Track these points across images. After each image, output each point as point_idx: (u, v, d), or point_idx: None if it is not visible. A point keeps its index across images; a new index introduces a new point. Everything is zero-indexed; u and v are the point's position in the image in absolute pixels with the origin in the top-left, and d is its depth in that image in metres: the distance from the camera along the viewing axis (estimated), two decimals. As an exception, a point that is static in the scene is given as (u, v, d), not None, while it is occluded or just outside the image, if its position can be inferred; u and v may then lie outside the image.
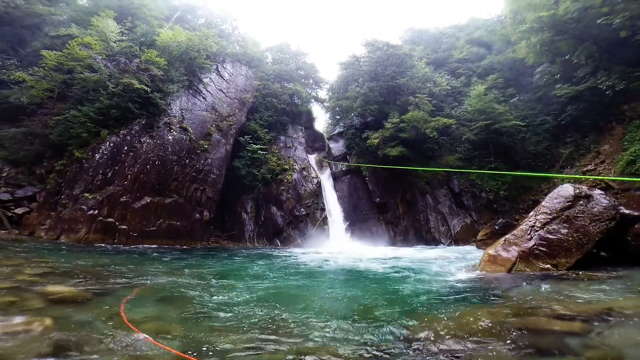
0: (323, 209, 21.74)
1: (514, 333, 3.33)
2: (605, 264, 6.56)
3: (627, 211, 7.31)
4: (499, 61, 26.06)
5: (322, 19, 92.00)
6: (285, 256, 13.00)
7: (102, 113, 15.34)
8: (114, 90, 15.60)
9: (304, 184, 22.44)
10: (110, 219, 13.90)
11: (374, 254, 13.71)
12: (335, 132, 29.21)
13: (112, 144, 15.13)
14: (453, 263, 9.94)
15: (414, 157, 21.67)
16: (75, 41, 16.27)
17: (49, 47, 17.19)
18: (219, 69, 23.45)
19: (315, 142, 27.99)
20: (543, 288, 5.44)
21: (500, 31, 26.17)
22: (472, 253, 12.84)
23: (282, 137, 25.61)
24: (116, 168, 14.88)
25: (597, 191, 8.03)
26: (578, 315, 3.72)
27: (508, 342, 3.12)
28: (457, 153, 22.18)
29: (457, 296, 5.32)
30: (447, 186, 21.14)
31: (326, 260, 11.11)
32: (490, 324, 3.61)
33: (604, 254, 6.99)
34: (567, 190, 8.09)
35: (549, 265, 6.86)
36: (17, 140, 15.12)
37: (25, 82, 16.02)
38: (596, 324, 3.45)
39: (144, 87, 16.05)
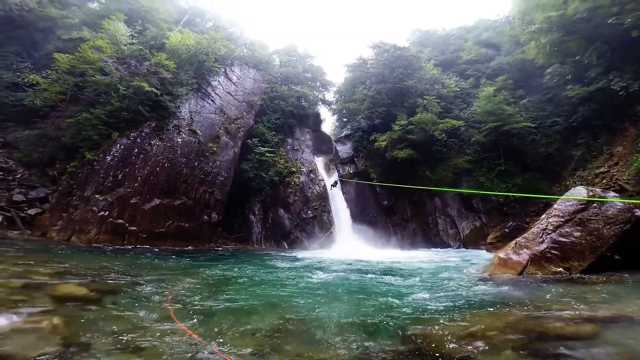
0: (330, 212, 21.69)
1: (522, 337, 3.28)
2: (619, 267, 6.40)
3: (642, 214, 7.12)
4: (508, 62, 25.73)
5: (329, 21, 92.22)
6: (292, 259, 12.99)
7: (113, 115, 15.52)
8: (124, 92, 15.78)
9: (311, 186, 22.43)
10: (120, 220, 14.07)
11: (382, 257, 13.62)
12: (343, 134, 29.07)
13: (122, 146, 15.34)
14: (462, 266, 9.82)
15: (423, 159, 21.48)
16: (87, 44, 16.53)
17: (61, 50, 17.44)
18: (227, 72, 23.57)
19: (322, 144, 27.95)
20: (554, 292, 5.34)
21: (508, 32, 25.82)
22: (482, 256, 12.68)
23: (290, 140, 25.65)
24: (126, 170, 15.07)
25: (612, 193, 7.89)
26: (588, 320, 3.65)
27: (516, 346, 3.07)
28: (466, 155, 21.91)
29: (466, 300, 5.24)
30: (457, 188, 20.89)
31: (334, 264, 11.06)
32: (499, 328, 3.55)
33: (618, 258, 6.80)
34: (579, 192, 7.95)
35: (561, 269, 6.73)
36: (30, 142, 15.43)
37: (38, 84, 16.33)
38: (606, 329, 3.37)
39: (154, 90, 16.20)
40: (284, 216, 21.10)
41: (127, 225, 14.19)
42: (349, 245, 19.20)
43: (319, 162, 25.43)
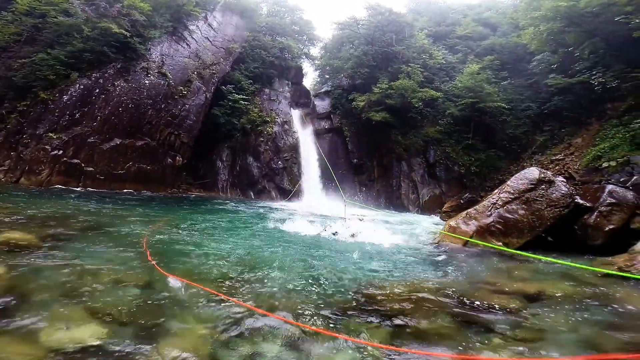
0: (301, 164, 21.82)
1: (454, 306, 3.55)
2: (550, 249, 6.90)
3: (581, 201, 7.69)
4: (500, 43, 25.43)
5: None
6: (258, 210, 13.05)
7: (74, 56, 14.79)
8: (89, 34, 15.03)
9: (284, 137, 22.22)
10: (76, 160, 13.35)
11: (346, 214, 14.01)
12: (322, 90, 28.88)
13: (82, 86, 14.44)
14: (415, 231, 10.35)
15: (397, 124, 21.79)
16: (54, -15, 15.17)
17: (23, -8, 15.90)
18: (208, 17, 22.37)
19: (300, 97, 27.37)
20: (491, 265, 5.80)
21: (510, 15, 25.34)
22: (436, 223, 13.40)
23: (267, 90, 24.90)
24: (85, 110, 14.17)
25: (560, 178, 8.33)
26: (515, 295, 3.99)
27: (447, 313, 3.33)
28: (438, 125, 22.34)
29: (413, 265, 5.57)
30: (424, 155, 21.52)
31: (298, 219, 11.20)
32: (433, 295, 3.83)
33: (551, 239, 7.39)
34: (532, 173, 8.34)
35: (500, 243, 7.12)
36: (-25, 82, 14.09)
37: (-10, 26, 15.01)
38: (530, 304, 3.73)
39: (123, 31, 15.54)
40: (252, 164, 20.92)
41: (83, 165, 13.54)
42: (315, 199, 19.56)
43: (295, 114, 25.08)
